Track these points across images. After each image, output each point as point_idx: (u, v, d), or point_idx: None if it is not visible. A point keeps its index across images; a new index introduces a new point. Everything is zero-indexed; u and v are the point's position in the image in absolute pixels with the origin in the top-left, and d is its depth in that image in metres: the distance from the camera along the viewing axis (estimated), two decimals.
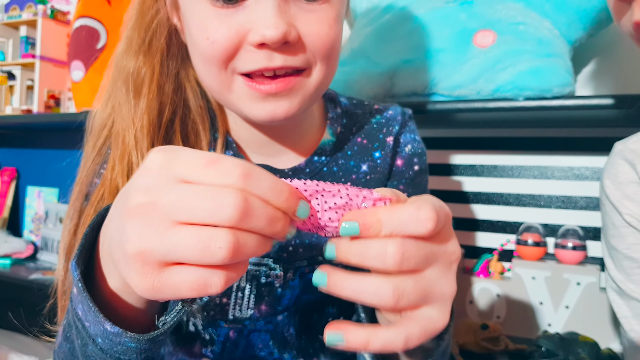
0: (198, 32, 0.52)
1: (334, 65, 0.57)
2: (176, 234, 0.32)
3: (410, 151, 0.69)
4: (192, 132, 0.63)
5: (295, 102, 0.53)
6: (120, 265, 0.35)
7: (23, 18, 1.61)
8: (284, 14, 0.49)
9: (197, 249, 0.31)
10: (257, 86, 0.51)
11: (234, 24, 0.50)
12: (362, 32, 1.03)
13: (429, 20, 0.97)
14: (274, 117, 0.53)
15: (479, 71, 0.90)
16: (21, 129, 1.86)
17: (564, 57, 0.90)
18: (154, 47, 0.60)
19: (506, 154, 1.14)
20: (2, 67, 1.63)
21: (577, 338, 0.91)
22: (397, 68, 0.98)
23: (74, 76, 1.39)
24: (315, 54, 0.52)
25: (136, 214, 0.33)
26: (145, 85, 0.60)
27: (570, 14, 0.92)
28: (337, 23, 0.53)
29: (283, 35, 0.48)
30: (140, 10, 0.60)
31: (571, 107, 0.85)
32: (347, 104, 0.71)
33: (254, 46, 0.50)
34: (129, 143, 0.58)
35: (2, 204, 1.79)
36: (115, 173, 0.58)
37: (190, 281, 0.33)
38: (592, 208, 1.07)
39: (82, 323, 0.40)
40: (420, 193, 0.70)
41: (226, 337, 0.63)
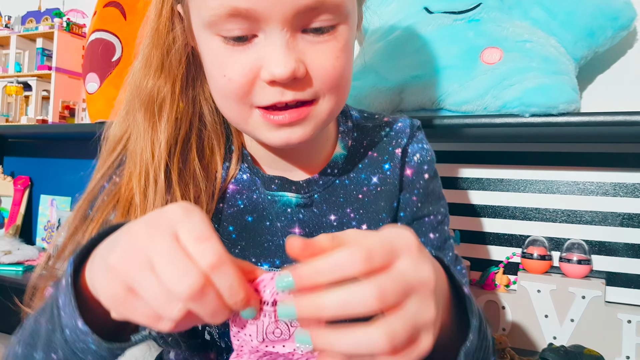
0: (215, 68, 0.55)
1: (344, 92, 0.58)
2: (147, 277, 0.36)
3: (419, 160, 0.70)
4: (207, 147, 0.65)
5: (309, 129, 0.56)
6: (97, 270, 0.40)
7: (39, 30, 1.64)
8: (292, 51, 0.51)
9: (156, 300, 0.36)
10: (271, 117, 0.54)
11: (247, 62, 0.52)
12: (371, 48, 1.05)
13: (437, 37, 0.99)
14: (288, 143, 0.56)
15: (486, 88, 0.92)
16: (36, 139, 1.90)
17: (570, 75, 0.91)
18: (173, 66, 0.62)
19: (512, 168, 1.16)
20: (19, 78, 1.67)
21: (582, 351, 0.91)
22: (405, 83, 1.00)
23: (89, 88, 1.42)
24: (322, 86, 0.54)
25: (133, 241, 0.38)
26: (166, 106, 0.62)
27: (577, 32, 0.93)
28: (344, 53, 0.55)
29: (292, 73, 0.50)
30: (157, 29, 0.62)
31: (577, 124, 0.87)
32: (358, 117, 0.73)
33: (265, 82, 0.52)
34: (146, 161, 0.61)
35: (16, 212, 1.82)
36: (130, 187, 0.61)
37: (145, 312, 0.37)
38: (597, 223, 1.08)
39: (59, 311, 0.44)
40: (435, 200, 0.72)
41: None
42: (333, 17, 0.52)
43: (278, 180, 0.65)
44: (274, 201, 0.65)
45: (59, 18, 1.62)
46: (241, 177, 0.66)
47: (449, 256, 0.70)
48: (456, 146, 1.21)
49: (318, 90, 0.54)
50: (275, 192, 0.65)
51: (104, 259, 0.39)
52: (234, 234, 0.64)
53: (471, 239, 1.19)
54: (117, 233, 0.41)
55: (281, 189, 0.65)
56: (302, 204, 0.65)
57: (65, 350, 0.44)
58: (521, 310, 1.05)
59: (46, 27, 1.64)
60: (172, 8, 0.61)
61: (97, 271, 0.40)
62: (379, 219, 0.67)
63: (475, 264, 1.18)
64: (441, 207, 0.72)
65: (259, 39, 0.52)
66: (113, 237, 0.41)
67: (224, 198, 0.65)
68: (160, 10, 0.61)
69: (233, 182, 0.66)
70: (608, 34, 0.93)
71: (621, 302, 1.04)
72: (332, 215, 0.66)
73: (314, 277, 0.35)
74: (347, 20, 0.55)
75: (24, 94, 1.68)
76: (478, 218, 1.19)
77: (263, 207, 0.65)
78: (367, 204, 0.67)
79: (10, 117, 1.72)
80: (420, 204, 0.70)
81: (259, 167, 0.67)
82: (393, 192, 0.69)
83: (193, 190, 0.62)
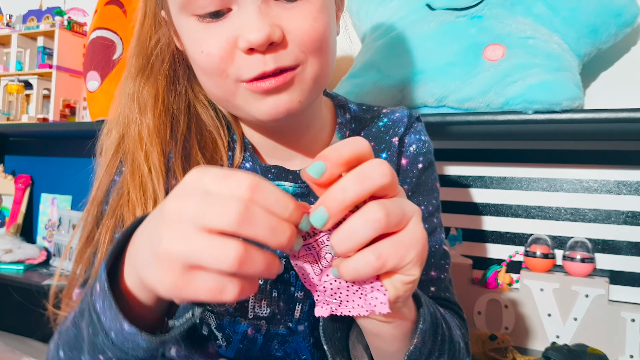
0: (193, 47, 0.56)
1: (329, 57, 0.58)
2: (197, 240, 0.35)
3: (415, 151, 0.70)
4: (209, 141, 0.66)
5: (295, 96, 0.56)
6: (147, 265, 0.38)
7: (40, 29, 1.64)
8: (265, 17, 0.52)
9: (211, 255, 0.35)
10: (258, 84, 0.54)
11: (223, 34, 0.53)
12: (373, 45, 1.05)
13: (440, 34, 0.98)
14: (277, 112, 0.55)
15: (489, 84, 0.91)
16: (37, 137, 1.89)
17: (573, 71, 0.91)
18: (155, 70, 0.64)
19: (515, 166, 1.15)
20: (20, 77, 1.66)
21: (585, 350, 0.91)
22: (407, 81, 0.99)
23: (90, 86, 1.42)
24: (303, 48, 0.54)
25: (168, 220, 0.36)
26: (149, 105, 0.63)
27: (580, 28, 0.93)
28: (322, 14, 0.55)
29: (267, 37, 0.51)
30: (139, 39, 0.65)
31: (580, 121, 0.86)
32: (356, 110, 0.73)
33: (244, 52, 0.53)
34: (139, 159, 0.62)
35: (17, 211, 1.82)
36: (129, 187, 0.61)
37: (208, 286, 0.36)
38: (601, 221, 1.07)
39: (98, 316, 0.43)
40: (427, 191, 0.71)
41: (244, 336, 0.64)
42: None
43: (275, 169, 0.66)
44: None
45: (60, 16, 1.62)
46: (244, 166, 0.67)
47: (434, 247, 0.70)
48: (458, 144, 1.21)
49: (299, 54, 0.54)
50: (272, 182, 0.66)
51: (149, 252, 0.38)
52: None
53: (474, 237, 1.19)
54: (147, 225, 0.41)
55: (277, 179, 0.66)
56: (299, 193, 0.66)
57: (114, 351, 0.44)
58: (524, 308, 1.05)
59: (47, 26, 1.63)
60: (154, 17, 0.64)
61: (146, 267, 0.38)
62: None
63: (477, 263, 1.17)
64: (433, 199, 0.72)
65: (233, 12, 0.53)
66: (145, 230, 0.41)
67: None
68: (143, 20, 0.64)
69: None
70: (611, 31, 0.93)
71: (625, 301, 1.04)
72: None
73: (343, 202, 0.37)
74: None
75: (25, 92, 1.68)
76: (480, 216, 1.18)
77: None
78: None
79: (11, 115, 1.71)
80: (410, 193, 0.70)
81: (258, 155, 0.67)
82: None
83: None
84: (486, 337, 0.97)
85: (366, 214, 0.37)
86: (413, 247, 0.39)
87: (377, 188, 0.38)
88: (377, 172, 0.38)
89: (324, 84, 0.60)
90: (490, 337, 0.96)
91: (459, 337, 0.59)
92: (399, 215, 0.38)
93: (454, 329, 0.58)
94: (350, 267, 0.39)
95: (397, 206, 0.38)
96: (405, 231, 0.39)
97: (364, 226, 0.37)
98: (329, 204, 0.37)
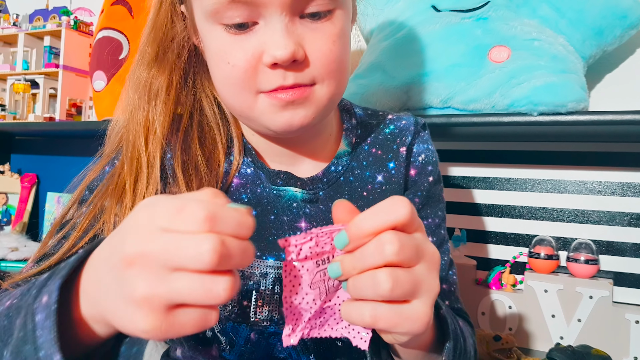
0: (218, 57, 0.57)
1: (342, 78, 0.60)
2: (179, 280, 0.35)
3: (424, 160, 0.71)
4: (209, 139, 0.66)
5: (310, 112, 0.57)
6: (120, 311, 0.37)
7: (47, 28, 1.65)
8: (291, 35, 0.53)
9: (200, 292, 0.35)
10: (277, 95, 0.55)
11: (249, 48, 0.55)
12: (378, 46, 1.05)
13: (445, 35, 0.98)
14: (291, 125, 0.57)
15: (494, 86, 0.92)
16: (43, 136, 1.90)
17: (578, 73, 0.91)
18: (170, 59, 0.65)
19: (519, 167, 1.15)
20: (26, 76, 1.67)
21: (589, 351, 0.91)
22: (413, 82, 0.99)
23: (96, 86, 1.42)
24: (320, 69, 0.56)
25: (136, 263, 0.36)
26: (161, 94, 0.64)
27: (585, 31, 0.93)
28: (341, 38, 0.57)
29: (292, 54, 0.53)
30: (154, 26, 0.65)
31: (585, 122, 0.86)
32: (362, 115, 0.73)
33: (267, 66, 0.54)
34: (139, 148, 0.62)
35: (23, 209, 1.83)
36: (124, 172, 0.62)
37: (194, 319, 0.36)
38: (605, 222, 1.07)
39: (34, 326, 0.41)
40: (435, 202, 0.72)
41: (247, 340, 0.64)
42: (329, 1, 0.55)
43: (284, 175, 0.66)
44: (280, 195, 0.66)
45: (66, 16, 1.63)
46: (245, 172, 0.67)
47: (444, 260, 0.71)
48: (463, 145, 1.21)
49: (317, 75, 0.56)
50: (281, 187, 0.66)
51: (121, 299, 0.36)
52: None
53: (478, 238, 1.19)
54: (105, 267, 0.39)
55: (287, 184, 0.66)
56: (308, 199, 0.66)
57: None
58: (528, 310, 1.05)
59: (54, 25, 1.64)
60: (172, 7, 0.64)
61: (119, 313, 0.37)
62: None
63: (481, 264, 1.17)
64: (439, 211, 0.73)
65: (260, 25, 0.54)
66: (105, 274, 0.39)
67: (228, 192, 0.66)
68: (159, 8, 0.64)
69: (237, 176, 0.67)
70: (617, 33, 0.93)
71: (629, 303, 1.04)
72: None
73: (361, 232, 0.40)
74: (343, 6, 0.57)
75: (32, 91, 1.69)
76: (485, 217, 1.18)
77: (268, 201, 0.66)
78: (372, 201, 0.67)
79: (17, 114, 1.73)
80: (421, 206, 0.70)
81: (263, 161, 0.68)
82: (398, 192, 0.69)
83: (196, 180, 0.63)
84: (490, 337, 0.97)
85: (380, 239, 0.39)
86: (410, 323, 0.40)
87: (398, 222, 0.39)
88: (399, 207, 0.40)
89: (338, 100, 0.62)
90: (494, 338, 0.97)
91: (470, 346, 0.61)
92: (413, 251, 0.40)
93: (468, 339, 0.60)
94: (345, 310, 0.41)
95: (412, 242, 0.40)
96: (410, 306, 0.41)
97: (375, 250, 0.39)
98: (349, 229, 0.40)
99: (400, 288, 0.39)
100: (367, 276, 0.39)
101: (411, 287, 0.40)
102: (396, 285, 0.38)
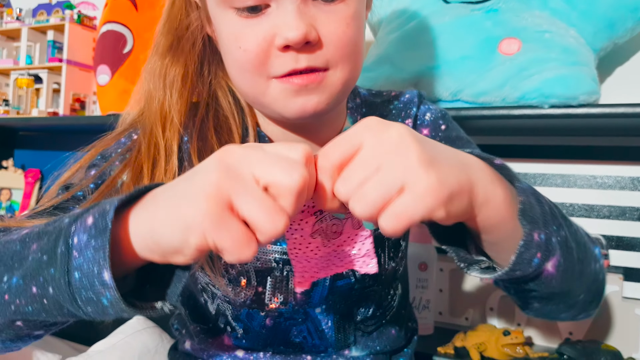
0: (230, 41, 0.56)
1: (357, 62, 0.59)
2: (256, 191, 0.37)
3: (432, 117, 0.72)
4: (224, 128, 0.66)
5: (324, 97, 0.56)
6: (184, 198, 0.39)
7: (50, 23, 1.64)
8: (304, 16, 0.53)
9: (265, 211, 0.37)
10: (291, 80, 0.55)
11: (261, 31, 0.54)
12: (387, 39, 1.04)
13: (454, 27, 0.97)
14: (304, 111, 0.56)
15: (504, 78, 0.91)
16: (47, 131, 1.89)
17: (589, 66, 0.90)
18: (185, 48, 0.65)
19: (528, 161, 1.14)
20: (30, 71, 1.66)
21: (599, 346, 0.90)
22: (421, 74, 0.98)
23: (100, 80, 1.41)
24: (334, 52, 0.55)
25: (229, 167, 0.39)
26: (177, 82, 0.64)
27: (596, 23, 0.92)
28: (355, 20, 0.56)
29: (304, 35, 0.52)
30: (169, 16, 0.65)
31: (597, 115, 0.85)
32: (366, 94, 0.74)
33: (279, 49, 0.54)
34: (157, 133, 0.62)
35: (26, 205, 1.82)
36: (141, 155, 0.61)
37: (237, 237, 0.37)
38: (615, 217, 1.06)
39: (68, 249, 0.40)
40: (465, 143, 0.71)
41: (262, 325, 0.65)
42: None
43: None
44: None
45: (70, 10, 1.62)
46: None
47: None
48: (473, 139, 1.18)
49: (330, 58, 0.55)
50: None
51: (191, 189, 0.38)
52: None
53: None
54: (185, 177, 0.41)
55: None
56: None
57: (61, 291, 0.40)
58: None
59: (57, 20, 1.63)
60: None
61: (184, 199, 0.38)
62: None
63: None
64: (475, 149, 0.70)
65: (272, 8, 0.54)
66: (176, 182, 0.41)
67: None
68: (173, 0, 0.64)
69: None
70: (628, 25, 0.92)
71: (639, 298, 1.03)
72: None
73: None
74: None
75: (35, 86, 1.68)
76: None
77: None
78: None
79: (21, 109, 1.72)
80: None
81: None
82: None
83: None
84: (500, 332, 0.96)
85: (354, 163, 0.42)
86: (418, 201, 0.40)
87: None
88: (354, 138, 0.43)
89: (352, 86, 0.61)
90: (503, 333, 0.96)
91: (576, 228, 0.57)
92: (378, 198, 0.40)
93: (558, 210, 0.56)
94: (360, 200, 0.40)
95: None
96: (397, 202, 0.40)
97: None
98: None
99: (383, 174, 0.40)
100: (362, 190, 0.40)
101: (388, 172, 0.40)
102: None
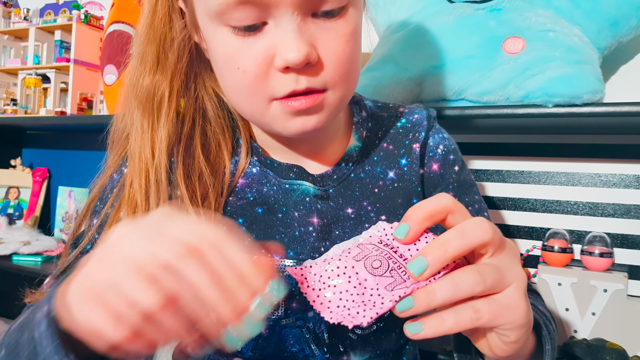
0: (227, 62, 0.53)
1: (354, 79, 0.58)
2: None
3: (444, 151, 0.70)
4: (213, 143, 0.64)
5: (323, 117, 0.56)
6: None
7: (58, 22, 1.65)
8: (303, 35, 0.50)
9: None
10: (290, 103, 0.53)
11: (259, 51, 0.51)
12: (391, 38, 1.04)
13: (458, 26, 0.97)
14: (304, 130, 0.56)
15: (508, 77, 0.91)
16: (54, 130, 1.91)
17: (594, 64, 0.90)
18: (171, 62, 0.61)
19: (533, 160, 1.14)
20: (37, 70, 1.68)
21: (604, 345, 0.90)
22: (425, 74, 0.99)
23: (107, 80, 1.43)
24: (333, 73, 0.54)
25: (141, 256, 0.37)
26: (164, 104, 0.61)
27: (601, 21, 0.92)
28: (353, 36, 0.55)
29: (305, 57, 0.50)
30: (151, 25, 0.60)
31: (601, 114, 0.85)
32: (372, 107, 0.72)
33: (279, 70, 0.52)
34: (146, 160, 0.60)
35: (34, 203, 1.84)
36: (133, 189, 0.60)
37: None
38: (619, 215, 1.06)
39: (34, 344, 0.41)
40: (469, 188, 0.71)
41: (259, 335, 0.64)
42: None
43: (297, 169, 0.65)
44: (292, 190, 0.65)
45: (77, 10, 1.63)
46: (250, 171, 0.65)
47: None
48: (477, 138, 1.20)
49: (329, 79, 0.54)
50: (294, 181, 0.65)
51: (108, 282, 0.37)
52: (243, 227, 0.64)
53: None
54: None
55: (299, 178, 0.65)
56: (319, 195, 0.65)
57: None
58: None
59: (64, 20, 1.64)
60: (170, 4, 0.59)
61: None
62: (397, 214, 0.67)
63: None
64: (474, 195, 0.71)
65: (269, 26, 0.51)
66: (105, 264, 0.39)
67: (234, 192, 0.65)
68: (155, 5, 0.60)
69: (243, 177, 0.65)
70: (632, 24, 0.92)
71: None
72: (349, 209, 0.66)
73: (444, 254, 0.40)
74: (356, 3, 0.54)
75: (43, 86, 1.69)
76: (498, 210, 1.18)
77: (275, 200, 0.64)
78: (384, 198, 0.67)
79: (28, 109, 1.73)
80: (457, 198, 0.69)
81: (269, 158, 0.66)
82: (411, 189, 0.68)
83: (200, 188, 0.61)
84: None
85: (465, 271, 0.39)
86: (510, 310, 0.40)
87: (478, 244, 0.39)
88: (479, 229, 0.39)
89: (349, 99, 0.60)
90: None
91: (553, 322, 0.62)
92: (496, 279, 0.40)
93: (552, 321, 0.61)
94: (451, 318, 0.40)
95: (494, 270, 0.40)
96: (504, 294, 0.40)
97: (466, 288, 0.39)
98: (429, 255, 0.39)
99: (490, 275, 0.39)
100: (457, 274, 0.39)
101: (499, 275, 0.40)
102: (485, 273, 0.39)
